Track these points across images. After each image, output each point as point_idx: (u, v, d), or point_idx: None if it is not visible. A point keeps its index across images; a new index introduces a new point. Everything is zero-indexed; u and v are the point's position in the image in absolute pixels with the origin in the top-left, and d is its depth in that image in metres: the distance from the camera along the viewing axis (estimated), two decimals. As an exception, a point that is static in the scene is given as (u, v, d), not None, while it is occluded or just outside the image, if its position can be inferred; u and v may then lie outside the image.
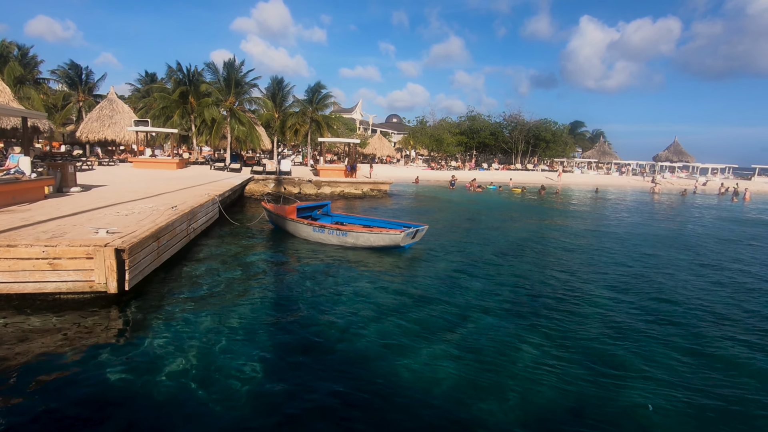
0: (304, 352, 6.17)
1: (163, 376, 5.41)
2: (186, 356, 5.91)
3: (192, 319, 7.05)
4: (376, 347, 6.39)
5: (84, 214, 9.82)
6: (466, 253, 12.36)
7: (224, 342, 6.36)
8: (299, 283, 9.20)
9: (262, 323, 7.07)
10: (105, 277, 7.12)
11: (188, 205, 11.73)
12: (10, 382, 5.18)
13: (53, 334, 6.29)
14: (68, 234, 7.75)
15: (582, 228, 18.33)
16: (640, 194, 40.31)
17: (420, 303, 8.19)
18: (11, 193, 10.68)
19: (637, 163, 68.14)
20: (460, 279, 9.84)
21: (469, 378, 5.67)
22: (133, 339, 6.38)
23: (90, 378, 5.32)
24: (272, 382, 5.43)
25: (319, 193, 25.67)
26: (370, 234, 11.59)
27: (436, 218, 19.01)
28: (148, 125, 27.24)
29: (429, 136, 57.87)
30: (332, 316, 7.47)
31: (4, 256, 6.83)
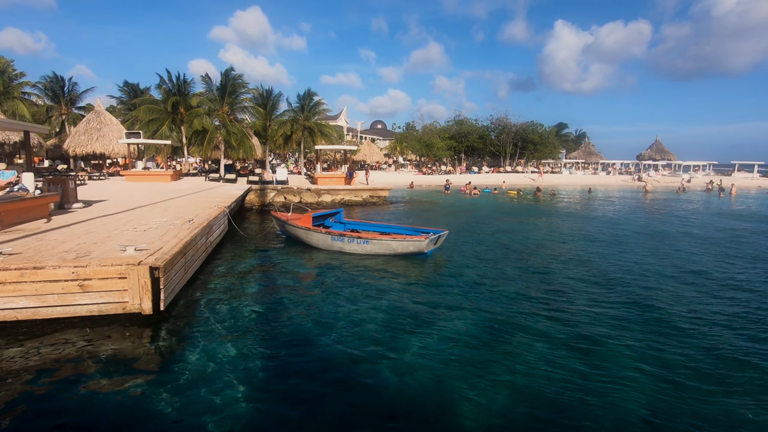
0: (349, 374, 5.86)
1: (209, 400, 5.08)
2: (229, 379, 5.57)
3: (229, 340, 6.69)
4: (428, 370, 6.12)
5: (99, 231, 9.34)
6: (487, 258, 12.18)
7: (267, 362, 6.03)
8: (329, 296, 8.84)
9: (300, 340, 6.73)
10: (139, 297, 6.72)
11: (204, 218, 11.30)
12: (44, 411, 4.78)
13: (86, 360, 5.87)
14: (93, 253, 7.31)
15: (596, 229, 18.36)
16: (632, 193, 40.91)
17: (459, 314, 7.94)
18: (16, 212, 10.12)
19: (622, 162, 69.41)
20: (490, 285, 9.64)
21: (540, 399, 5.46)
22: (174, 362, 5.99)
23: (133, 407, 4.94)
24: (318, 403, 5.12)
25: (320, 201, 25.30)
26: (393, 241, 11.33)
27: (444, 223, 18.85)
28: (140, 137, 26.51)
29: (419, 140, 57.93)
30: (373, 332, 7.17)
31: (30, 279, 6.38)
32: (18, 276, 6.33)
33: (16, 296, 6.37)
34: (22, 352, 5.99)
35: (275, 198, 24.42)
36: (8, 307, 6.37)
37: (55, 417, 4.77)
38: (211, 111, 31.45)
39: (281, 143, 41.32)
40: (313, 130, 37.57)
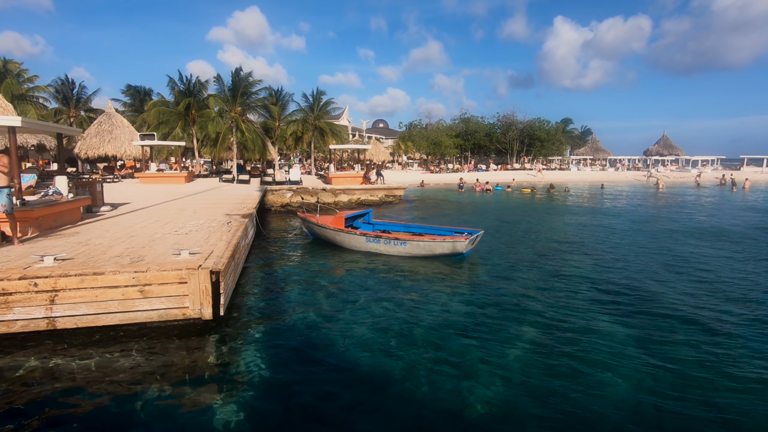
0: (417, 383, 5.70)
1: (277, 409, 4.94)
2: (296, 387, 5.42)
3: (289, 346, 6.54)
4: (499, 377, 5.96)
5: (141, 235, 9.19)
6: (524, 257, 12.01)
7: (331, 370, 5.85)
8: (377, 300, 8.62)
9: (360, 346, 6.54)
10: (200, 302, 6.55)
11: (240, 221, 11.15)
12: (107, 420, 4.64)
13: (149, 368, 5.70)
14: (147, 258, 7.16)
15: (625, 225, 18.18)
16: (645, 189, 40.66)
17: (513, 317, 7.79)
18: (53, 216, 9.98)
19: (629, 158, 69.13)
20: (536, 285, 9.46)
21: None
22: (239, 370, 5.83)
23: (200, 416, 4.79)
24: (383, 411, 4.96)
25: (337, 201, 25.12)
26: (432, 242, 11.14)
27: (468, 222, 18.69)
28: (155, 139, 26.36)
29: (426, 139, 57.73)
30: (435, 338, 7.01)
31: (91, 285, 6.22)
32: (78, 282, 6.17)
33: (76, 302, 6.21)
34: (84, 360, 5.83)
35: (292, 198, 24.25)
36: (69, 314, 6.21)
37: (119, 426, 4.63)
38: (223, 112, 31.31)
39: (291, 143, 41.18)
40: (324, 130, 37.37)
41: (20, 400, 4.98)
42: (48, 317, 6.16)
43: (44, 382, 5.34)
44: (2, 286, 5.96)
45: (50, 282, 6.09)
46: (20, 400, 4.98)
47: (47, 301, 6.11)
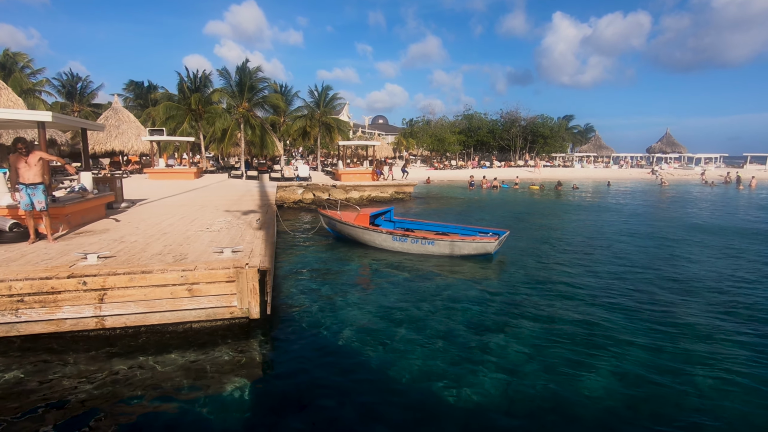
0: (469, 388, 5.65)
1: (331, 410, 4.88)
2: (349, 386, 5.39)
3: (335, 343, 6.49)
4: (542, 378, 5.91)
5: (174, 232, 9.08)
6: (550, 257, 11.95)
7: (377, 370, 5.80)
8: (412, 297, 8.59)
9: (405, 345, 6.50)
10: (248, 301, 6.47)
11: (267, 218, 11.06)
12: (157, 420, 4.59)
13: (200, 368, 5.64)
14: (189, 256, 7.07)
15: (644, 224, 18.16)
16: (650, 186, 40.67)
17: (554, 317, 7.75)
18: (81, 213, 9.87)
19: (632, 156, 69.14)
20: (569, 285, 9.42)
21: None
22: (291, 369, 5.77)
23: (253, 416, 4.73)
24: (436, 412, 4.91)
25: (349, 198, 25.00)
26: (462, 242, 11.06)
27: (483, 220, 18.65)
28: (164, 134, 26.16)
29: (431, 135, 57.55)
30: (480, 340, 6.96)
31: (139, 284, 6.13)
32: (127, 281, 6.08)
33: (125, 301, 6.12)
34: (131, 360, 5.76)
35: (304, 195, 24.14)
36: (117, 313, 6.13)
37: (167, 427, 4.58)
38: (230, 107, 31.09)
39: (295, 139, 40.96)
40: (331, 126, 37.18)
41: (67, 400, 4.91)
42: (97, 316, 6.07)
43: (92, 382, 5.26)
44: (51, 285, 5.86)
45: (99, 280, 6.00)
46: (67, 400, 4.91)
47: (96, 300, 6.03)
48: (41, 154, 7.74)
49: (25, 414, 4.65)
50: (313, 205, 23.29)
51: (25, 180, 7.57)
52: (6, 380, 5.24)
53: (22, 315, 5.84)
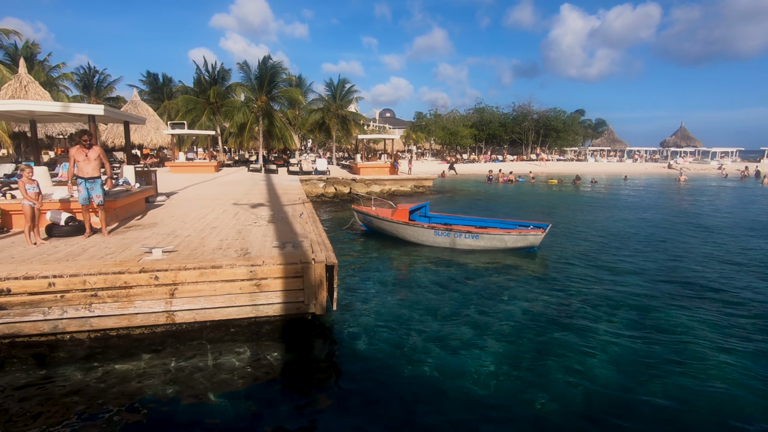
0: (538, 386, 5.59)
1: (398, 407, 4.83)
2: (417, 384, 5.36)
3: (401, 339, 6.46)
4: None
5: (223, 227, 9.06)
6: (591, 251, 11.83)
7: (444, 361, 5.77)
8: (464, 292, 8.53)
9: (470, 342, 6.47)
10: (315, 297, 6.43)
11: (309, 212, 11.02)
12: (227, 413, 4.57)
13: (270, 364, 5.66)
14: (250, 250, 7.03)
15: (671, 218, 17.96)
16: (668, 181, 40.22)
17: (612, 312, 7.66)
18: (126, 207, 9.88)
19: (646, 149, 68.38)
20: (619, 281, 9.33)
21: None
22: (362, 366, 5.75)
23: (324, 412, 4.70)
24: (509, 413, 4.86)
25: (370, 192, 24.93)
26: (508, 236, 10.97)
27: (512, 214, 18.51)
28: (185, 128, 26.16)
29: (442, 128, 57.20)
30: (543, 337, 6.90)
31: (209, 279, 6.10)
32: (197, 276, 6.06)
33: (194, 296, 6.10)
34: (201, 356, 5.75)
35: (326, 189, 24.11)
36: (187, 308, 6.11)
37: (235, 422, 4.57)
38: (249, 101, 31.02)
39: (309, 131, 40.85)
40: (347, 119, 37.01)
41: (141, 395, 4.93)
42: (167, 311, 6.06)
43: (163, 377, 5.28)
44: (124, 279, 5.85)
45: (171, 275, 5.98)
46: (141, 395, 4.93)
47: (167, 295, 6.01)
48: (101, 149, 7.72)
49: (95, 408, 4.67)
50: (336, 199, 23.28)
51: (84, 174, 7.55)
52: (76, 376, 5.24)
53: (96, 310, 5.84)
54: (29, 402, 4.75)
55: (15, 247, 7.17)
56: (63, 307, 5.73)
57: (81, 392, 4.95)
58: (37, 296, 5.63)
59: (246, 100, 30.77)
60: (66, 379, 5.19)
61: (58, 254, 6.73)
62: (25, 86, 19.74)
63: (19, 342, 5.80)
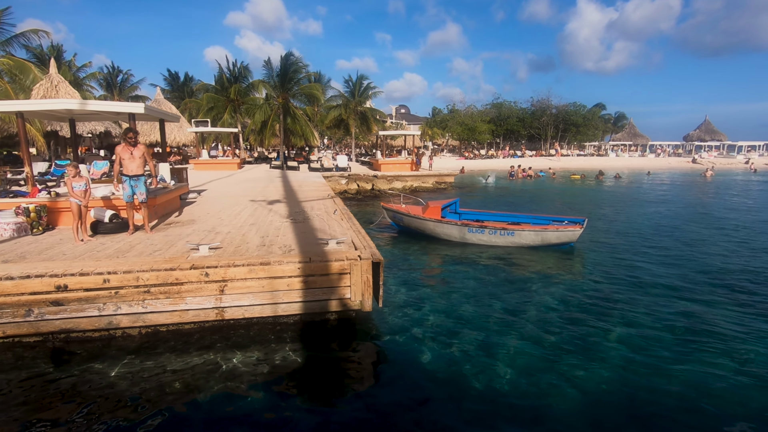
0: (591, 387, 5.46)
1: (447, 404, 4.75)
2: (462, 382, 5.28)
3: (446, 337, 6.40)
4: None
5: (261, 223, 9.10)
6: (623, 246, 11.58)
7: (492, 359, 5.68)
8: (507, 291, 8.42)
9: (518, 334, 6.37)
10: (361, 294, 6.40)
11: (343, 208, 11.00)
12: (278, 410, 4.53)
13: (313, 363, 5.66)
14: (293, 247, 7.03)
15: (711, 213, 17.52)
16: (692, 175, 39.28)
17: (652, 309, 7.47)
18: (164, 204, 9.99)
19: (669, 144, 66.92)
20: (662, 278, 9.10)
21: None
22: (408, 362, 5.70)
23: (378, 409, 4.65)
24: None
25: (392, 188, 24.87)
26: (545, 232, 10.80)
27: (540, 210, 18.26)
28: (208, 125, 26.43)
29: (460, 124, 56.77)
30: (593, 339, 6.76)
31: (258, 276, 6.11)
32: (246, 272, 6.07)
33: (243, 293, 6.12)
34: (250, 352, 5.78)
35: (348, 185, 24.12)
36: (236, 305, 6.14)
37: (282, 420, 4.56)
38: (270, 98, 31.17)
39: (328, 128, 40.92)
40: (367, 116, 36.95)
41: (191, 390, 4.97)
42: (217, 307, 6.09)
43: (212, 373, 5.29)
44: (176, 276, 5.89)
45: (221, 272, 6.00)
46: (191, 390, 4.97)
47: (217, 291, 6.04)
48: (145, 147, 7.81)
49: (146, 403, 4.72)
50: (359, 195, 23.28)
51: (128, 171, 7.65)
52: (128, 371, 5.30)
53: (148, 306, 5.90)
54: (84, 395, 4.81)
55: (63, 244, 7.30)
56: (117, 303, 5.80)
57: (132, 386, 4.99)
58: (92, 292, 5.71)
59: (267, 98, 30.93)
60: (118, 373, 5.24)
61: (107, 251, 6.83)
62: (56, 86, 20.07)
63: (73, 337, 5.90)
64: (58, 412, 4.57)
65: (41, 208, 8.12)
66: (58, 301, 5.63)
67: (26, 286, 5.54)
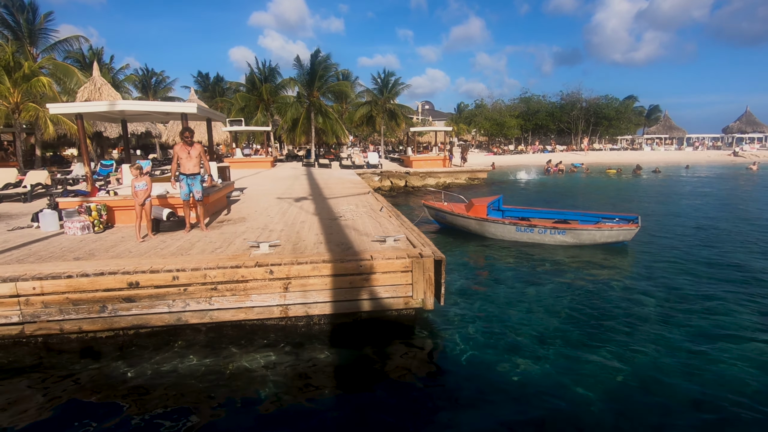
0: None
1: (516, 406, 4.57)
2: (524, 385, 5.12)
3: (508, 337, 6.25)
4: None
5: (310, 221, 9.11)
6: (678, 245, 11.12)
7: (556, 365, 5.47)
8: (563, 292, 8.19)
9: (579, 338, 6.16)
10: (423, 292, 6.31)
11: (388, 206, 10.94)
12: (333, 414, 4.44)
13: (377, 361, 5.62)
14: (351, 245, 6.99)
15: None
16: (734, 169, 37.61)
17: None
18: (214, 203, 10.13)
19: (709, 136, 64.29)
20: (721, 275, 8.69)
21: None
22: (472, 361, 5.59)
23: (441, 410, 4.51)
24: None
25: (425, 185, 24.73)
26: (598, 230, 10.45)
27: (578, 205, 17.78)
28: (242, 124, 26.82)
29: (488, 119, 55.97)
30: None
31: (321, 273, 6.09)
32: (310, 270, 6.06)
33: (306, 291, 6.11)
34: (313, 349, 5.78)
35: (382, 182, 24.09)
36: (300, 302, 6.14)
37: (345, 419, 4.49)
38: (300, 96, 31.39)
39: (357, 126, 40.96)
40: (396, 113, 36.80)
41: (256, 387, 4.99)
42: (281, 305, 6.10)
43: (277, 369, 5.30)
44: (241, 273, 5.93)
45: (285, 269, 6.01)
46: (256, 387, 4.99)
47: (281, 289, 6.05)
48: (201, 147, 7.92)
49: (214, 400, 4.75)
50: (392, 192, 23.20)
51: (186, 170, 7.76)
52: (193, 367, 5.35)
53: (215, 303, 5.96)
54: (153, 389, 4.88)
55: (126, 241, 7.47)
56: (186, 300, 5.88)
57: (199, 382, 5.05)
58: (162, 289, 5.80)
59: (298, 96, 31.16)
60: (184, 368, 5.31)
61: (169, 248, 6.95)
62: (99, 88, 20.74)
63: (142, 332, 6.02)
64: (128, 403, 4.66)
65: (102, 207, 8.33)
66: (130, 297, 5.74)
67: (100, 283, 5.67)
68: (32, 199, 12.82)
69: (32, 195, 12.84)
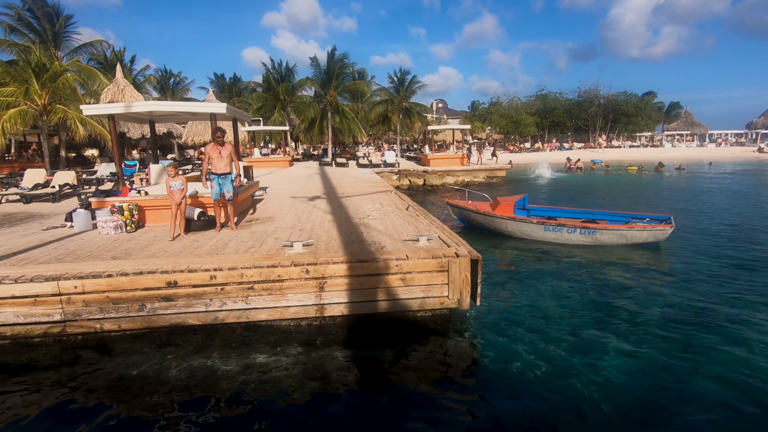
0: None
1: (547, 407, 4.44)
2: (560, 386, 4.99)
3: (543, 337, 6.14)
4: None
5: (338, 221, 9.09)
6: (718, 244, 10.82)
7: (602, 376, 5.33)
8: (600, 293, 8.04)
9: (619, 341, 6.00)
10: (459, 292, 6.23)
11: (414, 205, 10.86)
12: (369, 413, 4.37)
13: (414, 361, 5.53)
14: (385, 245, 6.93)
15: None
16: (760, 165, 36.62)
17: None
18: (241, 203, 10.17)
19: (732, 132, 62.73)
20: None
21: None
22: (509, 361, 5.48)
23: (484, 408, 4.41)
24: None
25: (444, 183, 24.59)
26: (631, 231, 10.21)
27: (601, 204, 17.47)
28: (260, 124, 26.97)
29: (505, 116, 55.41)
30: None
31: (357, 273, 6.05)
32: (345, 270, 6.02)
33: (342, 290, 6.08)
34: (348, 348, 5.75)
35: (401, 181, 24.01)
36: (336, 302, 6.11)
37: (382, 418, 4.44)
38: (317, 96, 31.45)
39: (373, 125, 40.92)
40: (412, 111, 36.65)
41: (292, 388, 4.95)
42: (317, 304, 6.09)
43: (313, 370, 5.28)
44: (278, 273, 5.92)
45: (320, 269, 5.98)
46: (292, 388, 4.95)
47: (317, 288, 6.03)
48: (232, 147, 7.94)
49: (249, 398, 4.74)
50: (411, 191, 23.11)
51: (217, 170, 7.80)
52: (230, 364, 5.35)
53: (251, 302, 5.96)
54: (191, 387, 4.89)
55: (159, 241, 7.53)
56: (223, 299, 5.89)
57: (233, 381, 5.04)
58: (200, 288, 5.82)
59: (315, 95, 31.23)
60: (222, 367, 5.30)
61: (203, 248, 6.98)
62: (122, 90, 21.04)
63: (177, 330, 6.04)
64: (165, 401, 4.67)
65: (133, 206, 8.41)
66: (168, 296, 5.78)
67: (139, 282, 5.71)
68: (60, 199, 13.06)
69: (60, 195, 13.08)
